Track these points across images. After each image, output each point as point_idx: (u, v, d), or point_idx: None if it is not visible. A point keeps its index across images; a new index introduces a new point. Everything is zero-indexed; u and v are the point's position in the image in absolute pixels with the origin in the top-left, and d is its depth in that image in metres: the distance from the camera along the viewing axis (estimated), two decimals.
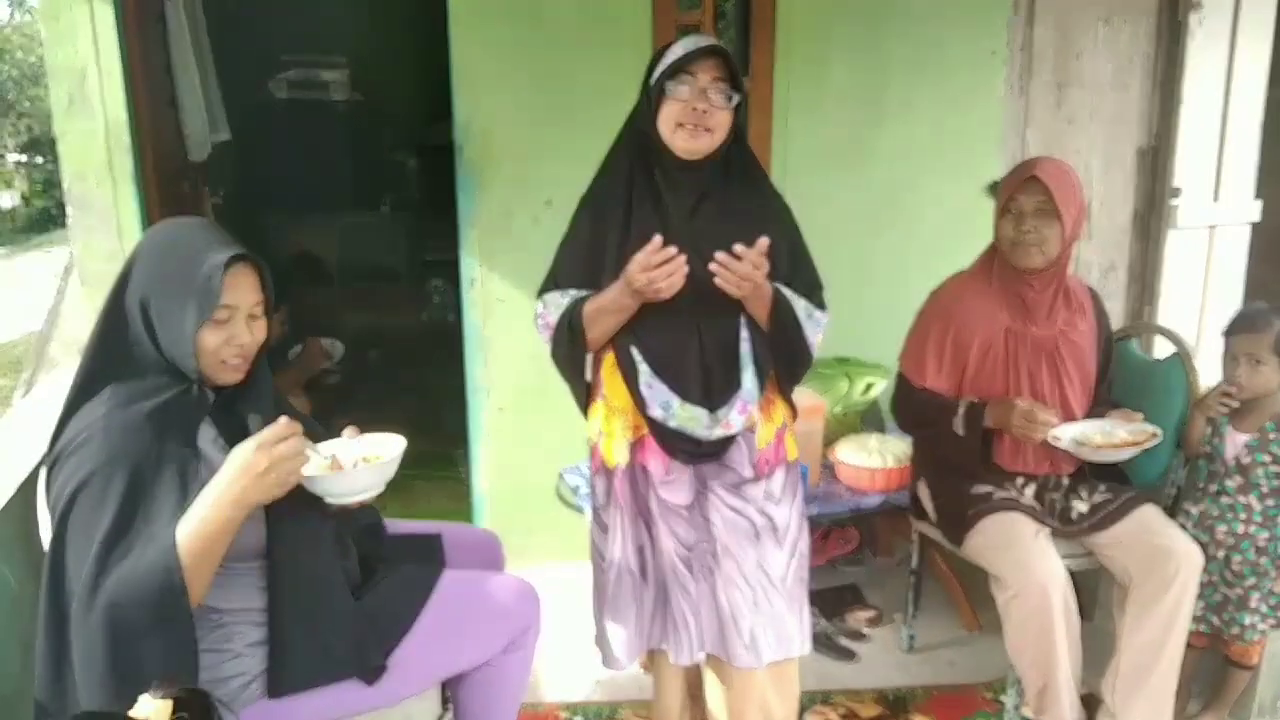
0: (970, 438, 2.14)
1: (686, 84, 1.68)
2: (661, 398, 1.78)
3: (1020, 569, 2.00)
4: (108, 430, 1.38)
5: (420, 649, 1.63)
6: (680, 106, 1.69)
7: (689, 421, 1.77)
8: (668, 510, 1.85)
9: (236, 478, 1.34)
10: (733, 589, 1.85)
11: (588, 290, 1.80)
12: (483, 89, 2.73)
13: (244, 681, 1.50)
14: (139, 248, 1.49)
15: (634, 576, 1.90)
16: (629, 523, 1.88)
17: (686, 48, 1.70)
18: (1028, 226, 2.10)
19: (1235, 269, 3.47)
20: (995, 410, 2.13)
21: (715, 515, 1.85)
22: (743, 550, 1.85)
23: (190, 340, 1.41)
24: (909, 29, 2.96)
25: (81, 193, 2.59)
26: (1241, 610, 2.14)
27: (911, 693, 2.45)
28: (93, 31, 2.49)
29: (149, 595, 1.30)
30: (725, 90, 1.69)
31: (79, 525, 1.35)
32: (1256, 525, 2.13)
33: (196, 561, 1.33)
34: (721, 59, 1.69)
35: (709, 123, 1.69)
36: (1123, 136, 3.26)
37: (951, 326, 2.19)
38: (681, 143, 1.71)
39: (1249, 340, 2.11)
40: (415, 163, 4.94)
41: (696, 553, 1.86)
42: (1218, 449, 2.19)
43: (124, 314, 1.45)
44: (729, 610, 1.85)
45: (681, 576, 1.86)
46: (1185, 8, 3.12)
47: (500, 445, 2.96)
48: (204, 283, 1.40)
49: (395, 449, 1.53)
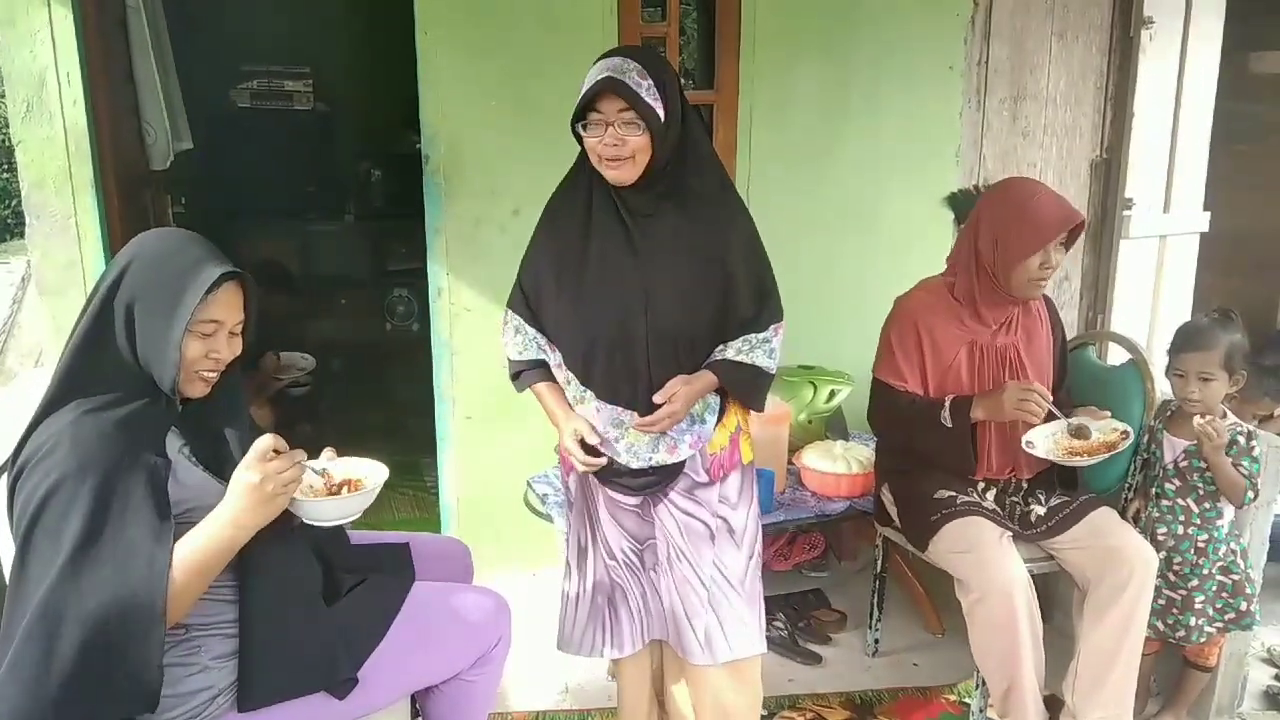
0: (959, 428, 2.14)
1: (596, 122, 1.72)
2: (613, 416, 1.82)
3: (984, 573, 2.04)
4: (76, 437, 1.37)
5: (391, 662, 1.62)
6: (595, 143, 1.73)
7: (637, 437, 1.82)
8: (616, 507, 1.91)
9: (237, 498, 1.38)
10: (687, 588, 1.89)
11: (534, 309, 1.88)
12: (450, 98, 2.73)
13: (210, 695, 1.49)
14: (133, 254, 1.48)
15: (582, 578, 1.98)
16: (575, 519, 1.98)
17: (587, 83, 1.72)
18: (1053, 262, 2.12)
19: (1185, 278, 3.56)
20: (985, 400, 2.13)
21: (667, 518, 1.89)
22: (698, 552, 1.88)
23: (176, 348, 1.41)
24: (871, 43, 3.02)
25: (40, 201, 2.55)
26: (1186, 612, 2.19)
27: (877, 696, 2.48)
28: (51, 36, 2.45)
29: (127, 610, 1.30)
30: (633, 119, 1.70)
31: (47, 532, 1.33)
32: (1195, 527, 2.19)
33: (191, 580, 1.36)
34: (622, 91, 1.69)
35: (624, 153, 1.71)
36: (1076, 149, 3.35)
37: (922, 333, 2.22)
38: (608, 174, 1.75)
39: (1199, 358, 2.15)
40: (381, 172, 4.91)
41: (647, 547, 1.92)
42: (1155, 454, 2.25)
43: (111, 318, 1.44)
44: (682, 610, 1.90)
45: (631, 570, 1.93)
46: (1136, 23, 3.21)
47: (468, 454, 2.95)
48: (196, 294, 1.42)
49: (379, 476, 1.56)
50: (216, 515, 1.39)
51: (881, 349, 2.29)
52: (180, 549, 1.37)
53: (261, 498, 1.38)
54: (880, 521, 2.49)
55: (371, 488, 1.53)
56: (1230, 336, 2.14)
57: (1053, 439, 2.13)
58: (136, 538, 1.34)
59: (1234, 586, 2.18)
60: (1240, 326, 2.17)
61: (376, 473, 1.57)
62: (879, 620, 2.64)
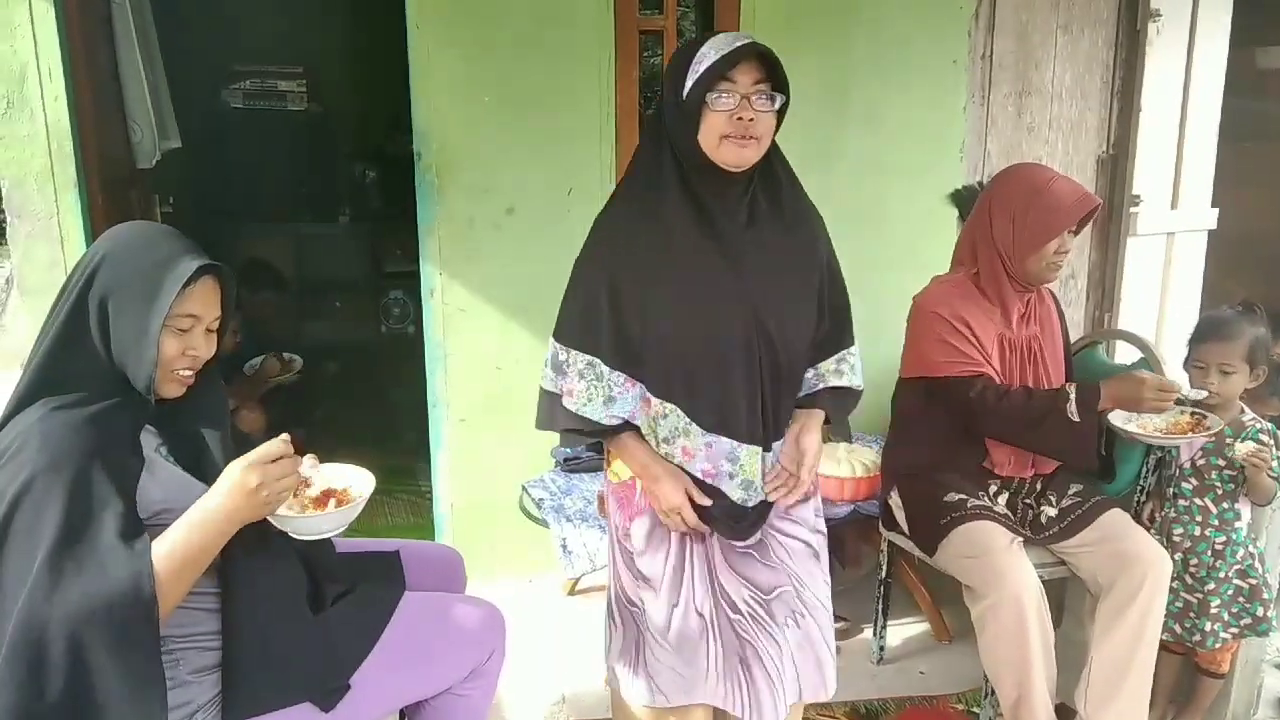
0: (1086, 422, 2.04)
1: (727, 92, 1.53)
2: (726, 449, 1.65)
3: (994, 579, 1.98)
4: (46, 434, 1.32)
5: (379, 676, 1.57)
6: (724, 118, 1.53)
7: (754, 472, 1.66)
8: (732, 552, 1.73)
9: (228, 496, 1.32)
10: (820, 613, 1.78)
11: (611, 336, 1.63)
12: (442, 97, 2.67)
13: (189, 712, 1.44)
14: (107, 248, 1.43)
15: (703, 620, 1.72)
16: (697, 563, 1.72)
17: (721, 50, 1.53)
18: (1068, 248, 2.08)
19: (1193, 276, 3.52)
20: (1118, 386, 2.03)
21: (780, 550, 1.75)
22: (813, 576, 1.78)
23: (154, 344, 1.37)
24: (873, 38, 2.97)
25: (21, 200, 2.49)
26: (1202, 616, 2.14)
27: (884, 705, 2.42)
28: (32, 31, 2.39)
29: (115, 615, 1.25)
30: (768, 93, 1.55)
31: (21, 533, 1.28)
32: (1213, 528, 2.14)
33: (172, 580, 1.30)
34: (761, 59, 1.55)
35: (755, 131, 1.54)
36: (1082, 145, 3.30)
37: (960, 319, 2.12)
38: (729, 156, 1.56)
39: (1221, 349, 2.11)
40: (374, 172, 4.89)
41: (782, 597, 1.73)
42: (1171, 453, 2.20)
43: (85, 314, 1.39)
44: (821, 641, 1.77)
45: (764, 625, 1.72)
46: (1143, 17, 3.16)
47: (462, 458, 2.89)
48: (174, 287, 1.38)
49: (364, 488, 1.49)
50: (202, 507, 1.33)
51: (925, 346, 2.14)
52: (160, 545, 1.31)
53: (253, 502, 1.33)
54: (886, 526, 2.43)
55: (357, 501, 1.46)
56: (1255, 330, 2.11)
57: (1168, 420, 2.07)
58: (115, 536, 1.29)
59: (1251, 591, 2.13)
60: (1264, 321, 2.13)
61: (362, 483, 1.49)
62: (884, 627, 2.58)
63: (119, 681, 1.26)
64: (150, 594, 1.28)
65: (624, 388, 1.64)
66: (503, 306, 2.77)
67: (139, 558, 1.29)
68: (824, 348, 1.75)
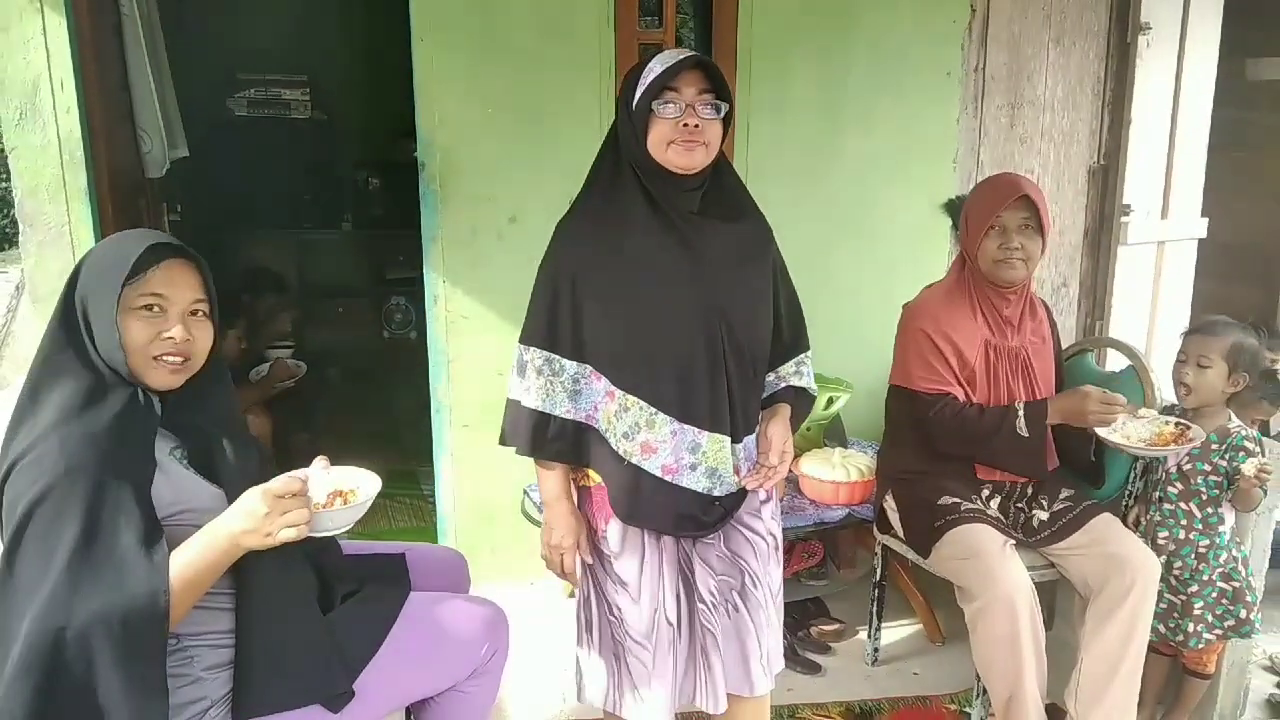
0: (1035, 437, 2.12)
1: (672, 101, 1.62)
2: (689, 439, 1.69)
3: (987, 580, 2.02)
4: (63, 441, 1.34)
5: (386, 674, 1.60)
6: (670, 124, 1.62)
7: (720, 460, 1.70)
8: (705, 546, 1.79)
9: (236, 517, 1.35)
10: (759, 611, 1.81)
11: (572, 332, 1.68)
12: (445, 106, 2.72)
13: (202, 708, 1.47)
14: (87, 255, 1.49)
15: (672, 628, 1.78)
16: (666, 568, 1.78)
17: (665, 63, 1.63)
18: (1015, 244, 2.13)
19: (1183, 285, 3.56)
20: (1065, 401, 2.12)
21: (742, 544, 1.80)
22: (768, 572, 1.83)
23: (113, 326, 1.38)
24: (868, 50, 3.01)
25: (33, 209, 2.52)
26: (1186, 618, 2.18)
27: (877, 705, 2.46)
28: (45, 43, 2.43)
29: (130, 627, 1.28)
30: (712, 101, 1.64)
31: (36, 539, 1.30)
32: (1197, 532, 2.18)
33: (182, 594, 1.33)
34: (704, 70, 1.64)
35: (703, 137, 1.63)
36: (1073, 155, 3.34)
37: (947, 333, 2.19)
38: (677, 159, 1.63)
39: (1201, 342, 2.16)
40: (378, 180, 4.93)
41: (721, 586, 1.80)
42: (1158, 459, 2.24)
43: (74, 319, 1.43)
44: (754, 635, 1.80)
45: (717, 615, 1.79)
46: (1134, 29, 3.21)
47: (464, 463, 2.92)
48: (122, 269, 1.39)
49: (371, 488, 1.52)
50: (212, 528, 1.37)
51: (907, 357, 2.24)
52: (175, 557, 1.34)
53: (258, 529, 1.34)
54: (881, 529, 2.47)
55: (363, 500, 1.49)
56: (1243, 337, 2.16)
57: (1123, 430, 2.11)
58: (132, 543, 1.32)
59: (1234, 594, 2.17)
60: (1264, 339, 2.18)
61: (368, 484, 1.53)
62: (879, 629, 2.62)
63: (124, 689, 1.29)
64: (164, 609, 1.30)
65: (588, 380, 1.70)
66: (504, 313, 2.80)
67: (157, 571, 1.31)
68: (784, 354, 1.82)
